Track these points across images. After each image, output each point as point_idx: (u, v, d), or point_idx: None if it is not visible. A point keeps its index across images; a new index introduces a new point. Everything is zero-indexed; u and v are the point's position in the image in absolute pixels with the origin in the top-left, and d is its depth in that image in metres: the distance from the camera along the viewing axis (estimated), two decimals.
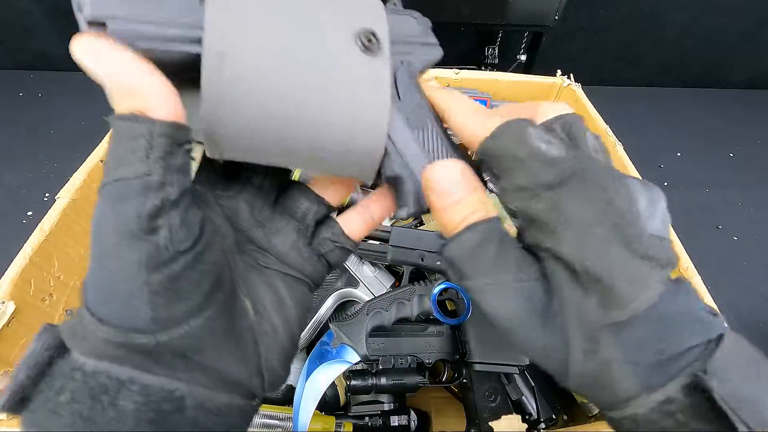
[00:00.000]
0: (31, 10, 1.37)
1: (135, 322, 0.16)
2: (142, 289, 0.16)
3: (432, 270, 0.59)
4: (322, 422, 0.50)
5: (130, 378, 0.16)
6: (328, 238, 0.24)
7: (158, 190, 0.16)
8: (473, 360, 0.52)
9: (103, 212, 0.16)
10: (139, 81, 0.16)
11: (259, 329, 0.21)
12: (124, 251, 0.16)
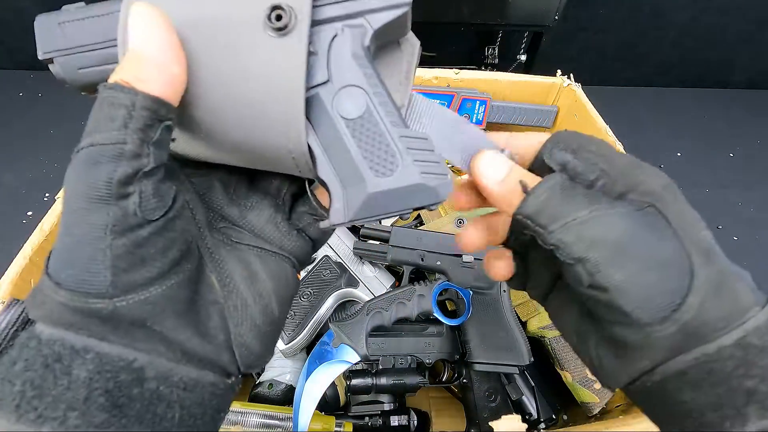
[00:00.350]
0: (31, 10, 1.37)
1: (93, 285, 0.16)
2: (105, 252, 0.16)
3: (432, 270, 0.59)
4: (322, 422, 0.50)
5: (85, 346, 0.16)
6: (305, 212, 0.24)
7: (132, 159, 0.16)
8: (473, 360, 0.52)
9: (74, 177, 0.16)
10: (148, 52, 0.17)
11: (227, 304, 0.20)
12: (91, 215, 0.16)
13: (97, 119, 0.16)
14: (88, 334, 0.16)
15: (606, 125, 0.70)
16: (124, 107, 0.16)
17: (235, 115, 0.19)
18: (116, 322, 0.16)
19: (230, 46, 0.18)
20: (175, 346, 0.18)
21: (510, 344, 0.53)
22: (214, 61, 0.18)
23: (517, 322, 0.55)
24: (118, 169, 0.16)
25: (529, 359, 0.52)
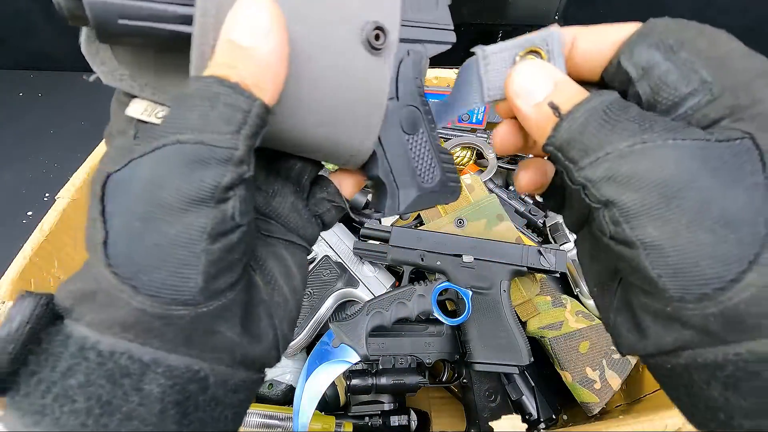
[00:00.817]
0: (31, 10, 1.37)
1: (181, 291, 0.15)
2: (200, 257, 0.15)
3: (432, 270, 0.59)
4: (322, 422, 0.50)
5: (155, 359, 0.15)
6: (324, 198, 0.24)
7: (238, 165, 0.15)
8: (473, 360, 0.52)
9: (164, 170, 0.15)
10: (268, 57, 0.16)
11: (272, 302, 0.20)
12: (188, 216, 0.15)
13: (208, 115, 0.15)
14: (158, 345, 0.15)
15: None
16: (242, 112, 0.15)
17: (317, 115, 0.20)
18: (192, 331, 0.15)
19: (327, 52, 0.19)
20: (236, 352, 0.17)
21: (510, 344, 0.53)
22: (308, 62, 0.18)
23: (517, 322, 0.55)
24: (227, 173, 0.15)
25: (529, 359, 0.52)
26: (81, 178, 0.57)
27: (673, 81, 0.17)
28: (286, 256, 0.22)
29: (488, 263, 0.57)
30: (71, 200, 0.54)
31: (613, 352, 0.56)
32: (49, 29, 1.41)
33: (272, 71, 0.16)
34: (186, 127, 0.15)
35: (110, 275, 0.14)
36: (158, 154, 0.15)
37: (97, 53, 0.18)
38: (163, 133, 0.15)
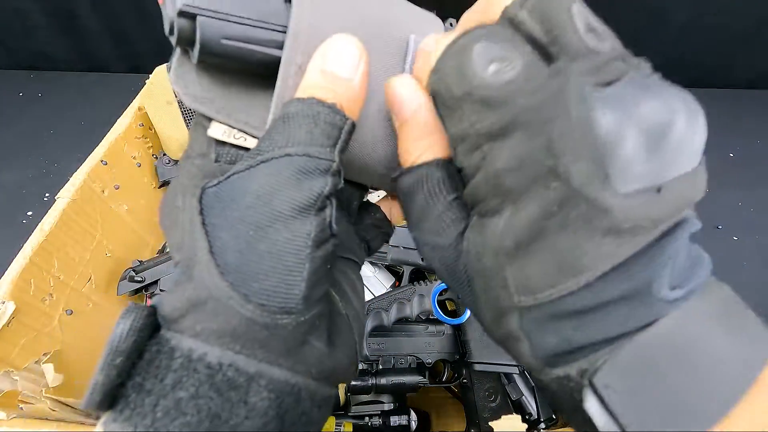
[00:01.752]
0: (31, 10, 1.37)
1: (287, 300, 0.15)
2: (304, 264, 0.15)
3: (432, 270, 0.59)
4: None
5: (259, 372, 0.15)
6: (371, 224, 0.25)
7: (334, 176, 0.17)
8: (473, 360, 0.52)
9: (277, 181, 0.16)
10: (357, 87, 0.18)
11: (350, 314, 0.20)
12: (294, 224, 0.15)
13: (312, 131, 0.16)
14: (261, 357, 0.15)
15: None
16: (338, 129, 0.17)
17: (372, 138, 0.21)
18: (292, 341, 0.16)
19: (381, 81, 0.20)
20: (323, 364, 0.17)
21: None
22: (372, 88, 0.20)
23: None
24: (328, 183, 0.16)
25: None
26: (81, 178, 0.57)
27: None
28: (349, 271, 0.22)
29: None
30: (71, 200, 0.54)
31: None
32: (49, 29, 1.41)
33: (359, 98, 0.18)
34: (294, 141, 0.16)
35: (222, 283, 0.15)
36: (269, 166, 0.16)
37: (183, 76, 0.19)
38: (269, 147, 0.16)
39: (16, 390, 0.43)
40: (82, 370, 0.53)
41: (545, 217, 0.14)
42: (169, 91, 0.64)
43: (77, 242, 0.55)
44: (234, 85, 0.19)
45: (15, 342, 0.45)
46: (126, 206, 0.66)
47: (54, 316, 0.51)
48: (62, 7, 1.36)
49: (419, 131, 0.18)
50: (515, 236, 0.14)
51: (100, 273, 0.59)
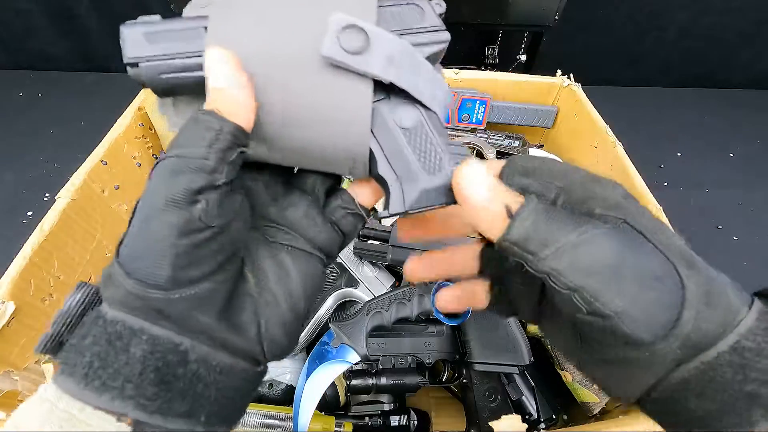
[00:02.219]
0: (31, 10, 1.37)
1: (156, 278, 0.19)
2: (170, 250, 0.18)
3: None
4: (322, 422, 0.50)
5: (141, 328, 0.19)
6: (339, 206, 0.26)
7: (209, 173, 0.19)
8: (473, 360, 0.52)
9: (157, 180, 0.19)
10: (231, 90, 0.20)
11: (260, 300, 0.23)
12: (166, 215, 0.19)
13: (188, 136, 0.20)
14: (144, 318, 0.19)
15: (606, 125, 0.70)
16: (214, 131, 0.19)
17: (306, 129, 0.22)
18: (167, 312, 0.19)
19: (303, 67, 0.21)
20: (215, 335, 0.20)
21: (510, 344, 0.53)
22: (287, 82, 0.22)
23: (517, 322, 0.55)
24: (197, 180, 0.19)
25: (529, 359, 0.52)
26: (81, 178, 0.57)
27: (540, 191, 0.22)
28: (286, 261, 0.24)
29: None
30: (71, 200, 0.54)
31: None
32: (49, 29, 1.41)
33: (240, 101, 0.21)
34: (174, 145, 0.20)
35: (116, 263, 0.19)
36: (157, 169, 0.20)
37: (165, 110, 0.24)
38: (163, 154, 0.20)
39: (16, 390, 0.43)
40: None
41: None
42: None
43: (77, 242, 0.55)
44: (196, 106, 0.23)
45: (15, 342, 0.45)
46: (126, 206, 0.66)
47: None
48: (62, 7, 1.36)
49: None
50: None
51: (100, 273, 0.59)
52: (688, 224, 1.10)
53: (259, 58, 0.21)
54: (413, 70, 0.22)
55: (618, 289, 0.18)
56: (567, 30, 1.35)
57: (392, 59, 0.22)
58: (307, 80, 0.21)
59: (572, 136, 0.78)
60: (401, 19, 0.24)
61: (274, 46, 0.21)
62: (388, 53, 0.21)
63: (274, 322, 0.23)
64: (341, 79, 0.21)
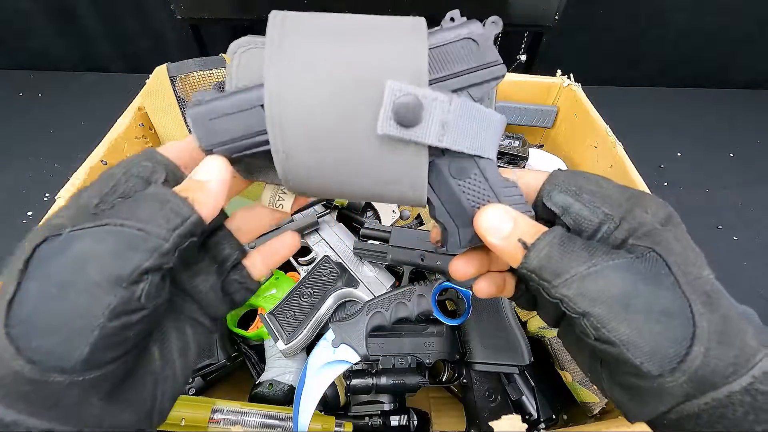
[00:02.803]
0: (31, 10, 1.37)
1: (64, 360, 0.16)
2: (94, 330, 0.16)
3: (432, 270, 0.59)
4: (322, 422, 0.50)
5: (15, 421, 0.16)
6: (236, 280, 0.26)
7: (161, 256, 0.18)
8: (473, 360, 0.52)
9: (104, 246, 0.17)
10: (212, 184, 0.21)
11: (162, 375, 0.21)
12: (99, 290, 0.16)
13: (152, 214, 0.19)
14: (22, 409, 0.16)
15: (606, 125, 0.70)
16: (181, 217, 0.19)
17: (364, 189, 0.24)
18: (62, 398, 0.16)
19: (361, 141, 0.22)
20: (103, 420, 0.18)
21: (510, 344, 0.53)
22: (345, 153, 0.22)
23: (517, 322, 0.55)
24: (150, 260, 0.18)
25: (529, 359, 0.52)
26: (81, 178, 0.57)
27: (586, 216, 0.22)
28: (188, 333, 0.24)
29: None
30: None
31: None
32: (49, 29, 1.41)
33: (213, 199, 0.21)
34: (134, 216, 0.18)
35: (2, 332, 0.15)
36: (101, 231, 0.18)
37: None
38: (110, 215, 0.18)
39: None
40: None
41: None
42: (169, 91, 0.64)
43: None
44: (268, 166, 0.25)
45: None
46: None
47: None
48: (62, 7, 1.36)
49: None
50: None
51: None
52: (688, 224, 1.10)
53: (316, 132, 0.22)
54: (467, 126, 0.23)
55: (624, 318, 0.19)
56: (567, 30, 1.35)
57: (446, 124, 0.22)
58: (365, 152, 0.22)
59: (572, 136, 0.78)
60: (455, 59, 0.23)
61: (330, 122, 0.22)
62: (441, 119, 0.22)
63: (168, 396, 0.22)
64: (398, 147, 0.22)
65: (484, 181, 0.25)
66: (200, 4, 1.10)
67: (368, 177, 0.23)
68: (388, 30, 0.22)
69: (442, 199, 0.25)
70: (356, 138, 0.22)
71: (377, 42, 0.22)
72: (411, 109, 0.21)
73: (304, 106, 0.21)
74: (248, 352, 0.63)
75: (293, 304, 0.58)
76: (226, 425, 0.47)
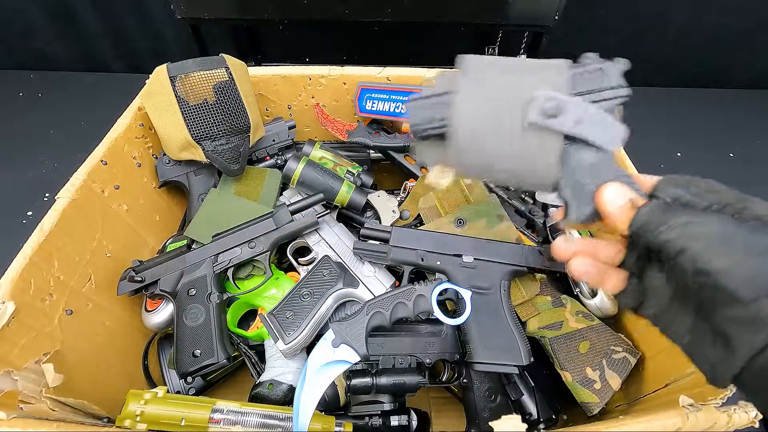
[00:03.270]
0: (31, 10, 1.37)
1: None
2: None
3: (432, 270, 0.59)
4: (322, 422, 0.50)
5: None
6: None
7: None
8: (473, 360, 0.52)
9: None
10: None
11: None
12: None
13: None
14: None
15: None
16: None
17: (512, 164, 0.32)
18: None
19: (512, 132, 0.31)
20: None
21: (510, 344, 0.53)
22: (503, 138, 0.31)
23: (517, 323, 0.55)
24: None
25: (528, 359, 0.52)
26: (81, 178, 0.57)
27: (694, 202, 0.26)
28: None
29: (488, 263, 0.57)
30: (71, 200, 0.54)
31: (613, 352, 0.56)
32: (49, 29, 1.41)
33: None
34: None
35: None
36: None
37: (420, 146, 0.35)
38: None
39: (16, 390, 0.43)
40: (82, 370, 0.53)
41: None
42: (169, 91, 0.64)
43: (77, 242, 0.55)
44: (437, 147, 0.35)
45: (15, 342, 0.45)
46: (126, 206, 0.66)
47: (54, 316, 0.51)
48: (62, 7, 1.36)
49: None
50: None
51: (100, 273, 0.59)
52: None
53: (484, 121, 0.31)
54: (594, 124, 0.30)
55: (721, 252, 0.22)
56: (567, 30, 1.36)
57: (579, 120, 0.30)
58: (514, 140, 0.31)
59: None
60: (589, 83, 0.33)
61: (491, 118, 0.31)
62: (576, 117, 0.30)
63: None
64: (540, 135, 0.30)
65: (603, 168, 0.31)
66: (200, 4, 1.10)
67: (513, 159, 0.32)
68: (538, 65, 0.33)
69: (567, 180, 0.31)
70: (508, 130, 0.31)
71: (530, 72, 0.32)
72: (553, 107, 0.29)
73: (475, 107, 0.32)
74: (248, 352, 0.63)
75: (293, 304, 0.58)
76: (226, 425, 0.47)
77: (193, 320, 0.58)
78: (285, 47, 1.48)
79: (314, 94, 0.82)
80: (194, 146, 0.66)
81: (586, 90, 0.32)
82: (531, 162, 0.32)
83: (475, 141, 0.32)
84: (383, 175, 0.94)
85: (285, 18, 1.12)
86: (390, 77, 0.79)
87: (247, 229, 0.63)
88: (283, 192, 0.76)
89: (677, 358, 0.50)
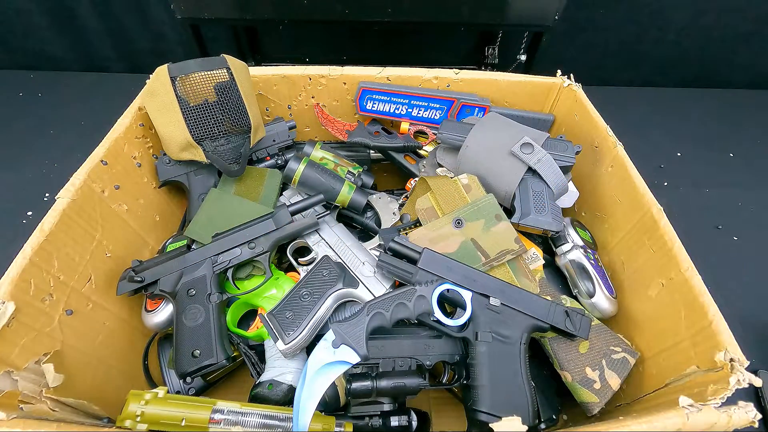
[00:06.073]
0: (31, 10, 1.37)
1: None
2: None
3: (454, 302, 0.56)
4: (322, 422, 0.50)
5: None
6: None
7: None
8: (478, 408, 0.49)
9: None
10: None
11: None
12: None
13: None
14: None
15: (606, 125, 0.70)
16: None
17: (489, 175, 0.65)
18: None
19: (501, 154, 0.66)
20: None
21: (519, 403, 0.50)
22: (493, 159, 0.66)
23: (530, 380, 0.52)
24: None
25: (534, 421, 0.50)
26: (81, 178, 0.57)
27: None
28: None
29: (514, 312, 0.54)
30: (71, 200, 0.54)
31: (613, 352, 0.56)
32: (49, 29, 1.41)
33: None
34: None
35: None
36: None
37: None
38: None
39: (16, 390, 0.43)
40: (82, 370, 0.53)
41: None
42: (169, 91, 0.64)
43: (77, 242, 0.55)
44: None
45: (15, 342, 0.45)
46: (126, 206, 0.66)
47: (54, 316, 0.51)
48: (62, 7, 1.36)
49: None
50: None
51: (100, 273, 0.59)
52: (688, 224, 1.10)
53: (481, 151, 0.65)
54: (548, 167, 0.61)
55: None
56: (567, 30, 1.36)
57: (540, 160, 0.61)
58: (498, 162, 0.64)
59: (572, 137, 0.77)
60: (554, 147, 0.65)
61: (487, 150, 0.65)
62: (539, 157, 0.62)
63: None
64: (515, 161, 0.62)
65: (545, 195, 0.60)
66: (200, 4, 1.10)
67: (494, 173, 0.63)
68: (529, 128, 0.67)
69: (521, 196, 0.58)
70: (497, 153, 0.63)
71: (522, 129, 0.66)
72: (528, 147, 0.61)
73: (483, 135, 0.66)
74: (248, 352, 0.63)
75: (293, 304, 0.58)
76: (226, 425, 0.47)
77: (192, 320, 0.57)
78: (285, 47, 1.48)
79: (314, 94, 0.82)
80: (195, 146, 0.66)
81: (551, 151, 0.63)
82: (502, 177, 0.59)
83: (477, 155, 0.57)
84: (383, 175, 0.94)
85: (285, 18, 1.12)
86: (390, 77, 0.79)
87: (247, 230, 0.63)
88: (283, 192, 0.76)
89: (677, 358, 0.50)
